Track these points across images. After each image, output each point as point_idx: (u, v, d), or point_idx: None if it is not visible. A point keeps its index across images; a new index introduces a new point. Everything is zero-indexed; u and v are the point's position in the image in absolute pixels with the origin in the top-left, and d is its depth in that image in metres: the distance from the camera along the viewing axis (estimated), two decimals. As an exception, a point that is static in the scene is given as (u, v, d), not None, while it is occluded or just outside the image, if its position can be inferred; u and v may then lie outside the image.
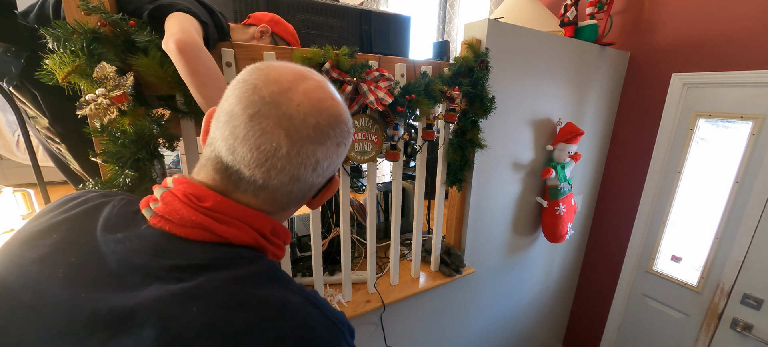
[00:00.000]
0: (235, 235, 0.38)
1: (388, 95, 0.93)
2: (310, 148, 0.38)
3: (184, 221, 0.37)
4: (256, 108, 0.36)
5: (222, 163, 0.38)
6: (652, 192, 1.75)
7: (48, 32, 0.62)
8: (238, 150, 0.37)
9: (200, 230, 0.37)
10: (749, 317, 1.52)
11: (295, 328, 0.34)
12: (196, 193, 0.38)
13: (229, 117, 0.37)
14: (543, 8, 1.70)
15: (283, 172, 0.38)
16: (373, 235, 1.21)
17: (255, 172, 0.37)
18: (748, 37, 1.38)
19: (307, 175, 0.40)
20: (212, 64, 0.69)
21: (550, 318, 2.20)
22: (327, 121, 0.39)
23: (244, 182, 0.38)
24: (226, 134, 0.37)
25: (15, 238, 0.39)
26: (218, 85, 0.70)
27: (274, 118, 0.36)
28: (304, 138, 0.37)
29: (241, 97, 0.37)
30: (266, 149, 0.36)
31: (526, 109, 1.44)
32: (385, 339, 1.34)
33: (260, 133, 0.36)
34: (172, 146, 0.78)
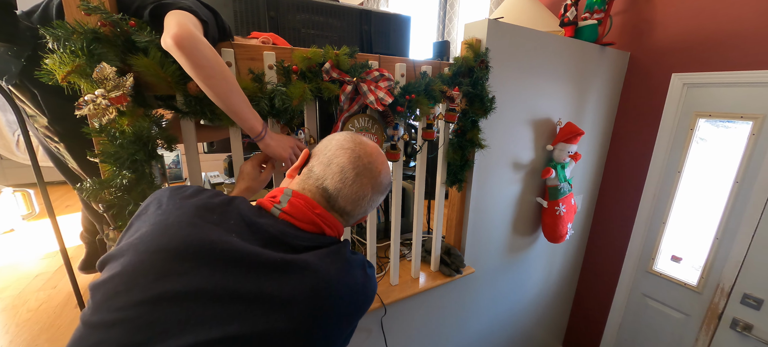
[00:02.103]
0: (329, 232, 0.61)
1: (388, 95, 0.93)
2: (378, 197, 0.66)
3: (305, 219, 0.59)
4: (359, 170, 0.61)
5: (327, 193, 0.61)
6: (652, 192, 1.75)
7: (48, 32, 0.62)
8: (342, 191, 0.61)
9: (312, 225, 0.59)
10: (749, 317, 1.52)
11: (366, 274, 0.62)
12: (311, 204, 0.60)
13: (340, 170, 0.61)
14: (543, 8, 1.70)
15: (363, 208, 0.64)
16: (373, 235, 1.21)
17: (347, 206, 0.62)
18: (748, 37, 1.38)
19: (369, 209, 0.66)
20: (213, 54, 0.68)
21: (550, 318, 2.20)
22: (388, 181, 0.67)
23: (337, 206, 0.62)
24: (337, 180, 0.60)
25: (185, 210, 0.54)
26: (223, 75, 0.70)
27: (369, 178, 0.62)
28: (379, 193, 0.65)
29: (350, 161, 0.61)
30: (360, 195, 0.62)
31: (526, 109, 1.44)
32: (385, 339, 1.34)
33: (360, 185, 0.62)
34: (171, 147, 0.78)
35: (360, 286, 0.59)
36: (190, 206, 0.54)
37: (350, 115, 0.97)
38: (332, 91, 0.89)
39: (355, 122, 0.99)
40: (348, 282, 0.57)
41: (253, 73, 0.83)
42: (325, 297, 0.52)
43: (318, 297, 0.52)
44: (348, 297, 0.56)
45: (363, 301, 0.60)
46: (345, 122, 0.97)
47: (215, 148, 1.34)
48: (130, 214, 0.76)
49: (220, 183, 1.60)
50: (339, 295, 0.55)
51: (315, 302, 0.51)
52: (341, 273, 0.56)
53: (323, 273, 0.54)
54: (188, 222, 0.51)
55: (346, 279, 0.56)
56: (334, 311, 0.54)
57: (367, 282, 0.60)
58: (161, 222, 0.51)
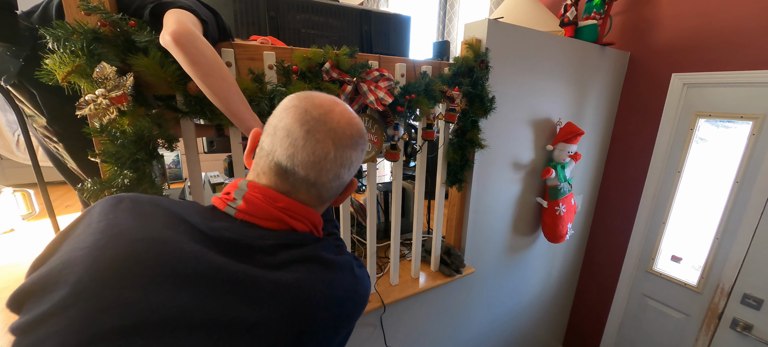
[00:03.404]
0: (300, 226, 0.52)
1: (388, 95, 0.93)
2: (348, 152, 0.52)
3: (266, 216, 0.49)
4: (310, 125, 0.49)
5: (281, 168, 0.50)
6: (652, 192, 1.75)
7: (48, 32, 0.62)
8: (297, 156, 0.49)
9: (277, 222, 0.50)
10: (749, 317, 1.52)
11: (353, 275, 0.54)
12: (271, 195, 0.50)
13: (287, 133, 0.49)
14: (543, 8, 1.70)
15: (330, 171, 0.51)
16: (373, 235, 1.21)
17: (309, 173, 0.50)
18: (748, 37, 1.38)
19: (344, 173, 0.53)
20: (212, 52, 0.68)
21: (550, 318, 2.20)
22: (358, 132, 0.53)
23: (299, 182, 0.50)
24: (286, 145, 0.49)
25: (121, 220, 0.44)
26: (222, 73, 0.69)
27: (324, 131, 0.49)
28: (344, 146, 0.51)
29: (296, 118, 0.49)
30: (319, 154, 0.49)
31: (526, 109, 1.44)
32: (385, 339, 1.34)
33: (315, 142, 0.49)
34: (172, 146, 0.78)
35: (350, 293, 0.51)
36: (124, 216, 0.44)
37: (350, 115, 0.97)
38: (332, 91, 0.89)
39: (355, 122, 0.99)
40: (335, 295, 0.49)
41: (253, 73, 0.83)
42: (308, 319, 0.45)
43: (300, 319, 0.44)
44: (337, 310, 0.49)
45: (353, 309, 0.53)
46: (345, 122, 0.97)
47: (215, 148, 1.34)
48: None
49: (220, 183, 1.60)
50: (326, 312, 0.48)
51: (296, 325, 0.44)
52: (326, 286, 0.48)
53: (305, 289, 0.46)
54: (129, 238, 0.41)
55: (333, 292, 0.49)
56: (322, 331, 0.47)
57: (357, 285, 0.53)
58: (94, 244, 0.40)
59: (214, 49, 0.68)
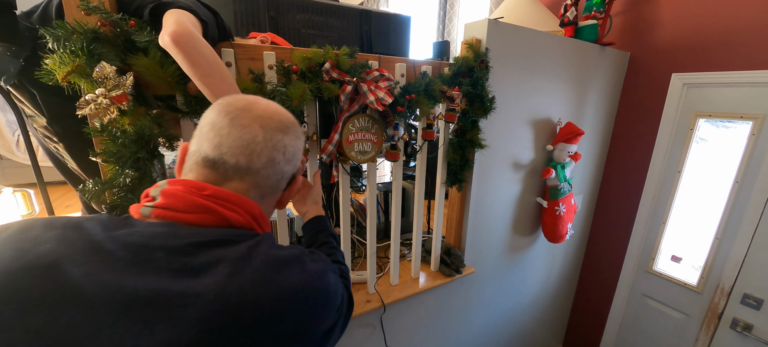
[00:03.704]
0: (235, 218, 0.46)
1: (388, 95, 0.93)
2: (279, 136, 0.50)
3: (190, 207, 0.43)
4: (234, 114, 0.47)
5: (209, 160, 0.46)
6: (652, 192, 1.75)
7: (48, 32, 0.62)
8: (223, 144, 0.46)
9: (205, 214, 0.44)
10: (749, 317, 1.52)
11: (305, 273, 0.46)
12: (195, 184, 0.45)
13: (211, 126, 0.47)
14: (543, 8, 1.70)
15: (262, 155, 0.48)
16: (373, 235, 1.21)
17: (239, 158, 0.46)
18: (748, 37, 1.38)
19: (279, 159, 0.50)
20: (211, 53, 0.68)
21: (550, 318, 2.20)
22: (286, 119, 0.52)
23: (230, 170, 0.47)
24: (212, 136, 0.46)
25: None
26: (221, 74, 0.69)
27: (249, 117, 0.48)
28: (273, 129, 0.49)
29: (219, 111, 0.48)
30: (247, 138, 0.47)
31: (526, 109, 1.44)
32: (385, 339, 1.34)
33: (240, 127, 0.47)
34: (172, 146, 0.78)
35: (302, 292, 0.43)
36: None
37: (350, 115, 0.97)
38: (332, 91, 0.89)
39: (355, 122, 0.99)
40: (277, 294, 0.41)
41: (253, 74, 0.83)
42: (248, 331, 0.38)
43: (234, 333, 0.37)
44: (284, 310, 0.41)
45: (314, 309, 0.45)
46: (345, 122, 0.97)
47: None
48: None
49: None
50: (271, 319, 0.40)
51: (233, 341, 0.37)
52: (264, 287, 0.40)
53: (234, 295, 0.38)
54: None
55: (272, 290, 0.41)
56: (273, 342, 0.40)
57: (311, 281, 0.45)
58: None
59: (213, 50, 0.68)
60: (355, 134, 1.00)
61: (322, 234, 0.80)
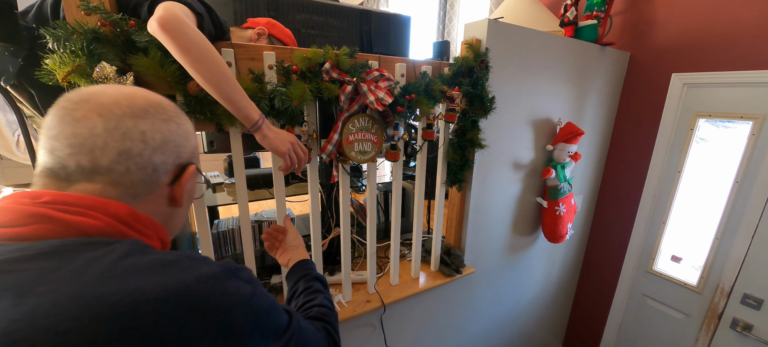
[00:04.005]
0: (88, 223, 0.37)
1: (388, 95, 0.93)
2: (130, 121, 0.40)
3: (19, 219, 0.35)
4: (68, 108, 0.39)
5: (46, 169, 0.39)
6: (652, 192, 1.75)
7: (48, 32, 0.62)
8: (56, 147, 0.38)
9: (42, 224, 0.35)
10: (749, 317, 1.52)
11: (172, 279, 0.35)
12: (29, 194, 0.37)
13: (45, 130, 0.39)
14: (543, 8, 1.70)
15: (108, 149, 0.39)
16: (373, 235, 1.21)
17: (80, 159, 0.39)
18: (748, 37, 1.38)
19: (137, 149, 0.41)
20: (200, 38, 0.65)
21: (550, 318, 2.20)
22: (142, 101, 0.43)
23: (74, 174, 0.39)
24: (45, 141, 0.39)
25: None
26: (213, 60, 0.67)
27: (86, 109, 0.39)
28: (118, 115, 0.40)
29: (52, 111, 0.40)
30: (82, 133, 0.38)
31: (526, 109, 1.44)
32: (385, 339, 1.34)
33: (74, 122, 0.39)
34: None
35: (166, 298, 0.33)
36: None
37: (350, 115, 0.98)
38: (332, 91, 0.89)
39: (355, 122, 0.99)
40: (127, 309, 0.31)
41: (253, 73, 0.83)
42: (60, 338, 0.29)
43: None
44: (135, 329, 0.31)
45: (196, 320, 0.34)
46: (345, 122, 0.97)
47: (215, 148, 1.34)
48: None
49: (220, 183, 1.60)
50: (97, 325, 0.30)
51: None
52: (97, 287, 0.32)
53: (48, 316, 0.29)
54: None
55: (104, 293, 0.31)
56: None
57: (186, 286, 0.35)
58: None
59: (203, 35, 0.66)
60: (355, 134, 1.00)
61: (302, 281, 0.74)
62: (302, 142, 0.92)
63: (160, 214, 0.46)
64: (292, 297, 0.73)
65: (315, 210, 1.07)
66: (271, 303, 0.44)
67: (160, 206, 0.46)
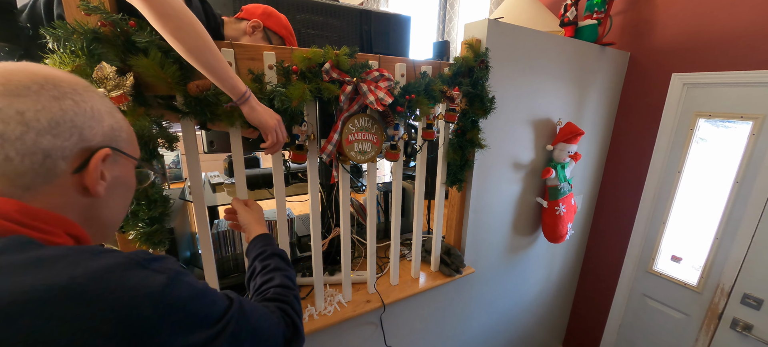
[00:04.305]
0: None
1: (387, 95, 0.93)
2: (2, 101, 0.35)
3: None
4: None
5: None
6: (652, 192, 1.75)
7: (48, 32, 0.62)
8: None
9: None
10: (749, 317, 1.52)
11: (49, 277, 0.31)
12: None
13: None
14: (543, 8, 1.70)
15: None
16: (373, 235, 1.21)
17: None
18: (748, 37, 1.38)
19: (17, 133, 0.36)
20: (180, 6, 0.62)
21: (550, 318, 2.20)
22: (25, 76, 0.37)
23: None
24: None
25: None
26: (194, 28, 0.64)
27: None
28: (5, 95, 0.35)
29: None
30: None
31: (526, 109, 1.44)
32: (385, 339, 1.34)
33: None
34: (172, 146, 0.78)
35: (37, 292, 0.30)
36: None
37: (350, 115, 0.98)
38: (332, 91, 0.89)
39: (355, 122, 0.99)
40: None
41: (253, 74, 0.83)
42: None
43: None
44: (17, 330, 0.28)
45: (92, 313, 0.31)
46: (345, 122, 0.97)
47: (215, 148, 1.34)
48: (132, 215, 0.76)
49: (220, 184, 1.60)
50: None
51: None
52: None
53: None
54: None
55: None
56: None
57: (70, 283, 0.31)
58: None
59: (183, 4, 0.64)
60: (355, 134, 1.00)
61: (258, 260, 0.69)
62: (300, 141, 0.92)
63: (72, 207, 0.41)
64: (250, 278, 0.69)
65: (315, 210, 1.07)
66: (197, 291, 0.40)
67: (68, 197, 0.40)
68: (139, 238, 0.78)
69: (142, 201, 0.75)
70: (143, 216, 0.76)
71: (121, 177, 0.46)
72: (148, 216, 0.77)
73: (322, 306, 1.18)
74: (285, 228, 1.04)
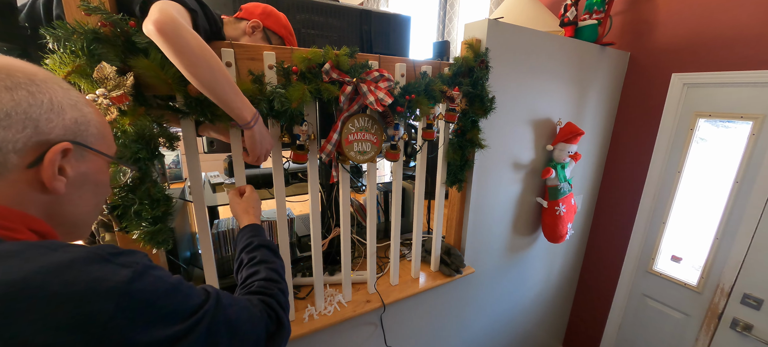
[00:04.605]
0: None
1: (387, 96, 0.93)
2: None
3: None
4: None
5: None
6: (652, 192, 1.75)
7: (48, 32, 0.62)
8: None
9: None
10: (749, 317, 1.52)
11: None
12: None
13: None
14: (543, 8, 1.70)
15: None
16: (373, 235, 1.21)
17: None
18: (748, 37, 1.38)
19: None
20: (197, 42, 0.65)
21: (550, 318, 2.20)
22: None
23: None
24: None
25: None
26: (208, 63, 0.66)
27: None
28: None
29: None
30: None
31: (526, 109, 1.44)
32: (385, 339, 1.34)
33: None
34: (173, 146, 0.79)
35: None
36: None
37: (350, 115, 0.98)
38: (332, 92, 0.89)
39: (355, 122, 0.99)
40: None
41: (253, 75, 0.83)
42: None
43: None
44: None
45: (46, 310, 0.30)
46: (344, 122, 0.97)
47: (215, 148, 1.34)
48: (135, 214, 0.76)
49: (220, 183, 1.60)
50: None
51: None
52: None
53: None
54: None
55: None
56: None
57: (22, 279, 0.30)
58: None
59: (200, 38, 0.66)
60: (355, 134, 1.00)
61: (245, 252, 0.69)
62: (301, 141, 0.92)
63: (31, 203, 0.39)
64: (237, 271, 0.68)
65: (315, 210, 1.07)
66: (167, 285, 0.39)
67: (23, 193, 0.39)
68: (143, 238, 0.78)
69: (145, 200, 0.75)
70: (146, 216, 0.76)
71: (90, 175, 0.44)
72: (152, 215, 0.77)
73: (322, 306, 1.18)
74: (285, 228, 1.04)
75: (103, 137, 0.46)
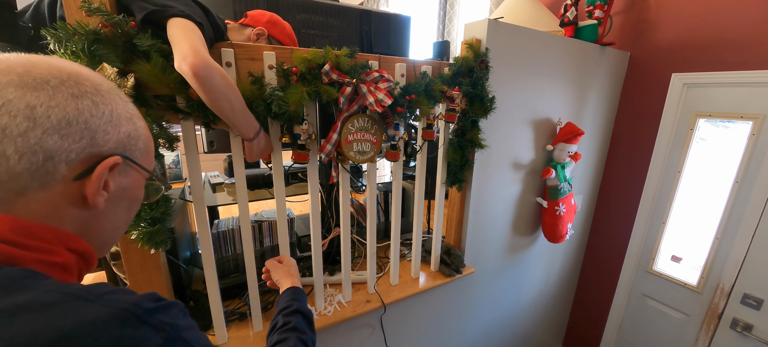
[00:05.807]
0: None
1: (387, 97, 0.93)
2: (14, 92, 0.31)
3: None
4: None
5: None
6: (652, 192, 1.75)
7: (49, 33, 0.62)
8: None
9: None
10: (749, 317, 1.52)
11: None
12: None
13: None
14: (543, 8, 1.70)
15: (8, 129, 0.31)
16: (373, 235, 1.21)
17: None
18: (748, 38, 1.38)
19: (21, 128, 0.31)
20: (223, 81, 0.70)
21: (550, 318, 2.20)
22: (46, 70, 0.34)
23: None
24: None
25: None
26: (228, 97, 0.72)
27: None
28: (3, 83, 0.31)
29: None
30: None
31: (526, 109, 1.44)
32: (385, 339, 1.35)
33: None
34: (172, 146, 0.79)
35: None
36: None
37: (350, 115, 0.98)
38: (331, 94, 0.89)
39: (355, 122, 0.99)
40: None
41: (253, 76, 0.83)
42: None
43: None
44: None
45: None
46: (344, 122, 0.97)
47: (215, 148, 1.35)
48: (136, 216, 0.76)
49: (220, 184, 1.60)
50: None
51: None
52: None
53: None
54: None
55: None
56: None
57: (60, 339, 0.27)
58: None
59: (225, 75, 0.71)
60: (354, 134, 1.00)
61: (281, 315, 0.70)
62: (302, 140, 0.93)
63: (69, 218, 0.36)
64: (270, 333, 0.69)
65: (315, 210, 1.07)
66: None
67: (63, 207, 0.36)
68: (142, 238, 0.78)
69: (143, 201, 0.75)
70: (145, 216, 0.77)
71: (129, 190, 0.43)
72: (150, 216, 0.77)
73: (322, 306, 1.18)
74: (285, 228, 1.04)
75: (148, 152, 0.45)
